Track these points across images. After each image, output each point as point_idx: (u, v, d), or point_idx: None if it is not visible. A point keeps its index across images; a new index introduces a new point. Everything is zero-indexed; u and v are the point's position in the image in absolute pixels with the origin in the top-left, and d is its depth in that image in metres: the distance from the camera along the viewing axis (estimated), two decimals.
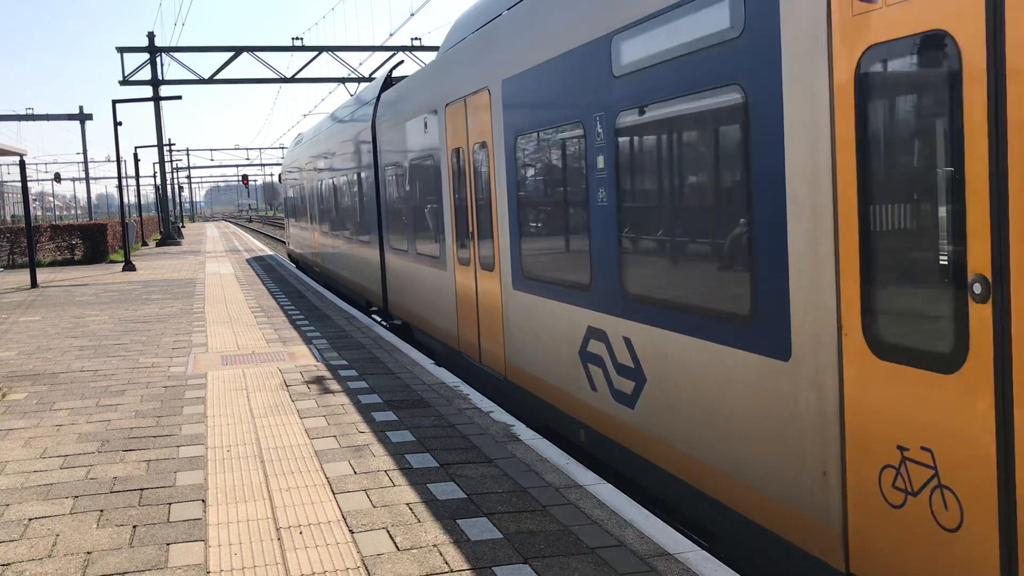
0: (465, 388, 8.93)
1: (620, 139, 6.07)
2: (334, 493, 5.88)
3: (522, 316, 8.09)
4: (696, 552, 4.74)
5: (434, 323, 11.41)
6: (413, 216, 12.19)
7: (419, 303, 12.19)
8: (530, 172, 7.83)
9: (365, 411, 8.12)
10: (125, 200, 32.90)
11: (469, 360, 9.91)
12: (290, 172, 29.46)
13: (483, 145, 8.78)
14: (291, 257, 32.20)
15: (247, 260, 31.20)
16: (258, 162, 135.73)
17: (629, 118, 5.92)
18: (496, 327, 8.81)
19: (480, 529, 5.15)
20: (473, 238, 9.40)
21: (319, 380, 9.61)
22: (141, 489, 6.14)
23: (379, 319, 16.33)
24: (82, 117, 78.82)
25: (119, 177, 32.05)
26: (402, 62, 17.50)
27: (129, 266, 28.52)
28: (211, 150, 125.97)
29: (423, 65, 14.49)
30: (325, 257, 22.01)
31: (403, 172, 12.61)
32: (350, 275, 18.29)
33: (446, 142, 10.12)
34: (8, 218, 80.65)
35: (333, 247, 20.43)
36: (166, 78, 42.37)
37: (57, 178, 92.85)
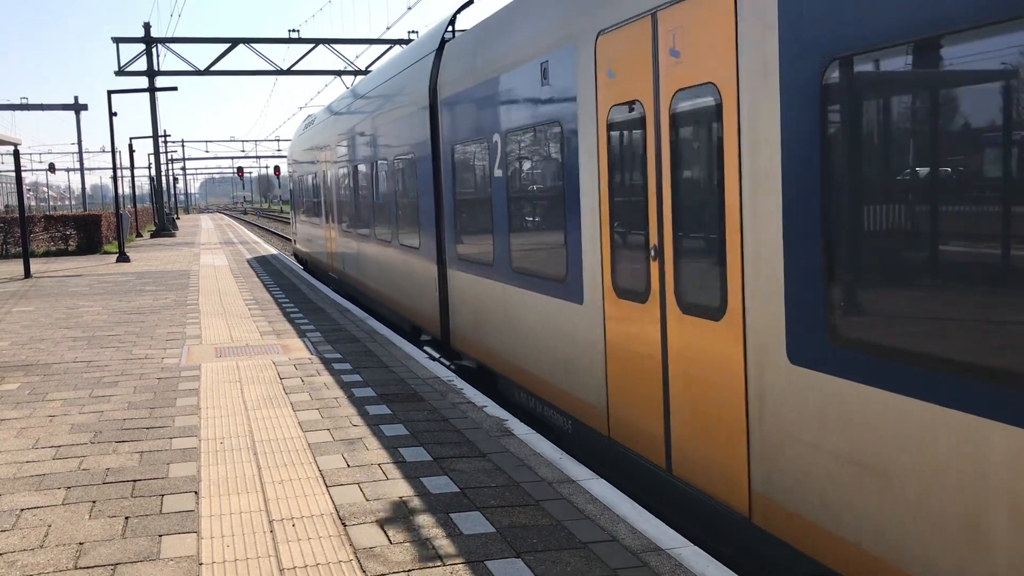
0: (459, 382, 8.92)
1: None
2: (327, 486, 5.88)
3: (821, 419, 4.24)
4: (688, 548, 4.75)
5: (549, 380, 7.57)
6: (506, 214, 8.35)
7: (515, 345, 8.32)
8: (893, 131, 3.74)
9: (359, 404, 8.11)
10: (119, 191, 32.80)
11: (636, 458, 6.14)
12: (299, 159, 25.27)
13: (704, 91, 5.08)
14: (298, 257, 28.17)
15: (242, 253, 31.15)
16: (253, 154, 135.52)
17: None
18: (729, 423, 5.00)
19: (473, 523, 5.16)
20: (662, 255, 5.58)
21: (313, 373, 9.60)
22: (134, 480, 6.13)
23: (434, 354, 11.50)
24: (77, 107, 78.53)
25: (114, 168, 31.98)
26: (471, 2, 11.33)
27: (123, 257, 28.45)
28: (206, 142, 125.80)
29: None
30: (346, 261, 17.89)
31: (487, 150, 8.72)
32: (385, 288, 14.01)
33: (595, 96, 6.37)
34: (2, 208, 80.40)
35: (359, 251, 16.35)
36: (162, 69, 42.23)
37: (52, 168, 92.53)
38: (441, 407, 7.93)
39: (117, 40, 41.09)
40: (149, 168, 69.58)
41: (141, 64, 42.17)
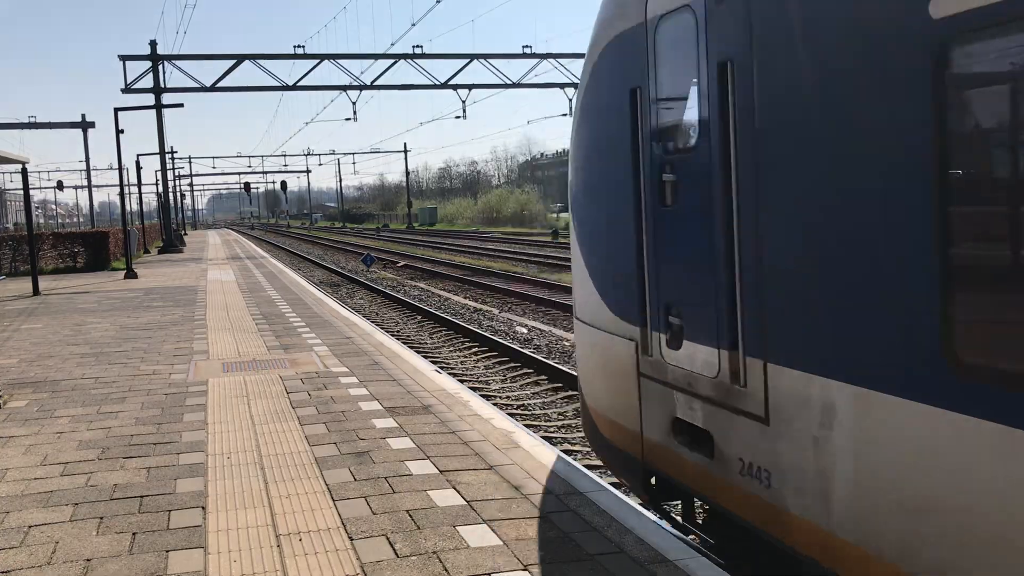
0: (466, 395, 8.92)
1: None
2: (334, 500, 5.88)
3: None
4: (696, 559, 4.73)
5: None
6: None
7: None
8: None
9: (365, 418, 8.11)
10: (127, 208, 32.93)
11: None
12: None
13: None
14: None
15: (249, 267, 31.23)
16: (260, 170, 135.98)
17: None
18: None
19: (480, 536, 5.15)
20: None
21: (320, 387, 9.61)
22: (141, 496, 6.13)
23: None
24: (84, 125, 78.87)
25: (121, 185, 32.12)
26: None
27: (131, 274, 28.54)
28: (213, 158, 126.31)
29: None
30: None
31: None
32: None
33: None
34: (11, 226, 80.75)
35: None
36: (168, 86, 42.47)
37: (60, 186, 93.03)
38: (448, 420, 7.92)
39: (124, 58, 41.37)
40: (156, 185, 69.76)
41: (147, 82, 42.36)
